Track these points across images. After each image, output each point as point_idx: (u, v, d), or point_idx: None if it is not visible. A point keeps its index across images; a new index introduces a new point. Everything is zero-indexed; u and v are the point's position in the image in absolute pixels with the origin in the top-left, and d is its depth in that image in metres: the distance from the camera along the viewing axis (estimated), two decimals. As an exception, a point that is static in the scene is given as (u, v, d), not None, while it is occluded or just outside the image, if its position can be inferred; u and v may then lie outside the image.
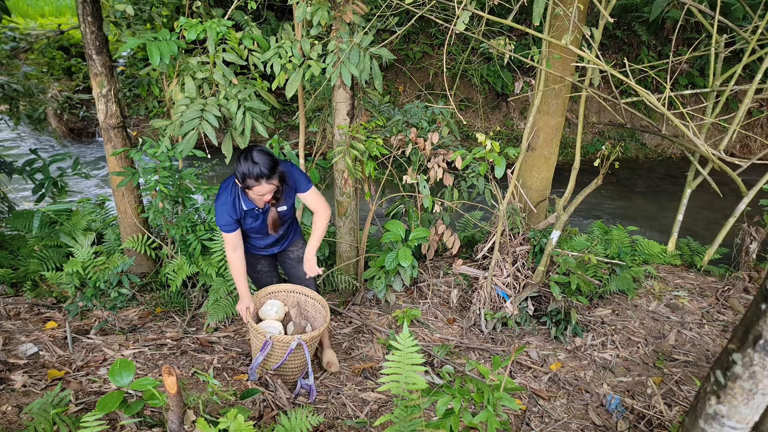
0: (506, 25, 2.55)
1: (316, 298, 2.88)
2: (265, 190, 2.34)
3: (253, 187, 2.32)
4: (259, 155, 2.29)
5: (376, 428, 2.48)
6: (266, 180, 2.29)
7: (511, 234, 3.74)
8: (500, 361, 1.81)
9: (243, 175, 2.29)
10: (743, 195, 4.14)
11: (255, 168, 2.26)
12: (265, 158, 2.29)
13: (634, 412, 2.82)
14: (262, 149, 2.34)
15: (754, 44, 3.14)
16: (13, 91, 4.98)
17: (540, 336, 3.54)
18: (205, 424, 1.89)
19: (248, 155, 2.29)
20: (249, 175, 2.27)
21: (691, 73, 9.10)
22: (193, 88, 3.04)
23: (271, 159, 2.31)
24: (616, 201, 7.44)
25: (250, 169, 2.27)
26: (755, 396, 1.57)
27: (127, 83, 8.37)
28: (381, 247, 4.10)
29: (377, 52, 3.01)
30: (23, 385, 2.40)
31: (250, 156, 2.28)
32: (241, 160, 2.29)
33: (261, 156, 2.29)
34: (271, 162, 2.30)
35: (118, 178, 3.54)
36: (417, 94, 9.05)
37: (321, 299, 2.85)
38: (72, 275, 3.42)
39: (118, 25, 3.46)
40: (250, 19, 3.43)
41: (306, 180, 2.61)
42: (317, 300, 2.88)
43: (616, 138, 9.25)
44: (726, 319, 3.78)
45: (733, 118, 3.51)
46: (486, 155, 3.20)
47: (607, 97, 3.10)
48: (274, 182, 2.33)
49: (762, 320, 1.48)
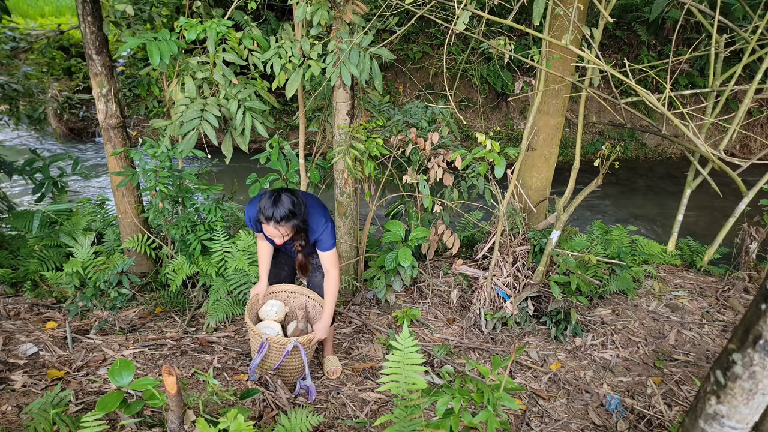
0: (506, 25, 2.55)
1: (319, 301, 2.87)
2: (273, 232, 2.30)
3: (263, 224, 2.30)
4: (285, 199, 2.26)
5: (376, 428, 2.48)
6: (274, 224, 2.26)
7: (511, 234, 3.74)
8: (500, 361, 1.81)
9: (258, 209, 2.29)
10: (743, 195, 4.14)
11: (269, 210, 2.24)
12: (286, 205, 2.25)
13: (634, 412, 2.82)
14: (293, 195, 2.30)
15: (754, 44, 3.14)
16: (13, 91, 4.98)
17: (540, 336, 3.54)
18: (205, 424, 1.89)
19: (276, 193, 2.28)
20: (261, 212, 2.27)
21: (691, 73, 9.10)
22: (193, 88, 3.04)
23: (292, 209, 2.26)
24: (616, 201, 7.44)
25: (265, 207, 2.26)
26: (755, 396, 1.57)
27: (127, 83, 8.37)
28: (381, 247, 4.10)
29: (377, 52, 3.01)
30: (23, 385, 2.40)
31: (276, 195, 2.27)
32: (266, 194, 2.29)
33: (285, 200, 2.26)
34: (289, 212, 2.25)
35: (118, 178, 3.54)
36: (417, 94, 9.05)
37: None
38: (72, 275, 3.42)
39: (118, 25, 3.46)
40: (250, 19, 3.43)
41: (331, 243, 2.50)
42: (319, 302, 2.87)
43: (616, 138, 9.25)
44: (726, 319, 3.78)
45: (733, 118, 3.51)
46: (486, 155, 3.20)
47: (607, 97, 3.10)
48: (282, 230, 2.28)
49: (762, 320, 1.48)
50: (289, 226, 2.29)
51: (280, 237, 2.33)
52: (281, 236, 2.32)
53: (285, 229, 2.29)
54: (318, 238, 2.47)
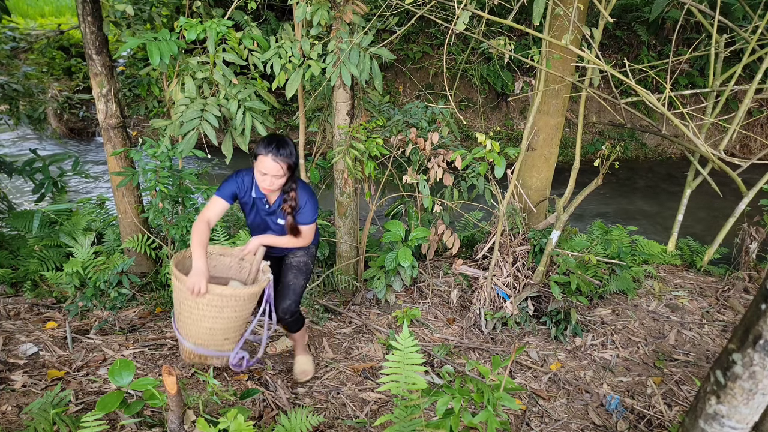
0: (506, 25, 2.55)
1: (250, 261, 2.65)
2: (268, 166, 2.27)
3: (259, 156, 2.28)
4: (286, 140, 2.32)
5: (376, 428, 2.48)
6: (273, 156, 2.25)
7: (511, 234, 3.74)
8: (500, 361, 1.81)
9: (260, 143, 2.29)
10: (743, 195, 4.14)
11: (273, 143, 2.26)
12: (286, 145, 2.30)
13: (634, 412, 2.82)
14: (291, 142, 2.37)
15: (754, 44, 3.14)
16: (13, 91, 4.98)
17: (540, 336, 3.54)
18: (205, 424, 1.89)
19: (278, 135, 2.33)
20: (264, 144, 2.27)
21: (691, 73, 9.11)
22: (193, 88, 3.04)
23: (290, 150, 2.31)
24: (616, 201, 7.44)
25: (269, 140, 2.28)
26: (755, 396, 1.57)
27: (127, 83, 8.37)
28: (381, 247, 4.10)
29: (377, 52, 3.01)
30: (23, 385, 2.40)
31: (279, 135, 2.32)
32: (269, 136, 2.32)
33: (286, 141, 2.31)
34: (288, 150, 2.30)
35: (118, 178, 3.54)
36: (417, 94, 9.05)
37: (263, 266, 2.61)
38: (72, 275, 3.42)
39: (118, 25, 3.46)
40: (250, 19, 3.43)
41: (310, 215, 2.51)
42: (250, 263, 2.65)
43: (616, 138, 9.25)
44: (726, 319, 3.78)
45: (733, 118, 3.51)
46: (486, 155, 3.20)
47: (607, 97, 3.10)
48: (279, 164, 2.27)
49: (762, 320, 1.48)
50: (286, 164, 2.28)
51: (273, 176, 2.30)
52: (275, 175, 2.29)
53: (282, 164, 2.27)
54: (302, 205, 2.48)
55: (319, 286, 3.81)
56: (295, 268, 2.68)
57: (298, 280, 2.65)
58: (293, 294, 2.63)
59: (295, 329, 2.74)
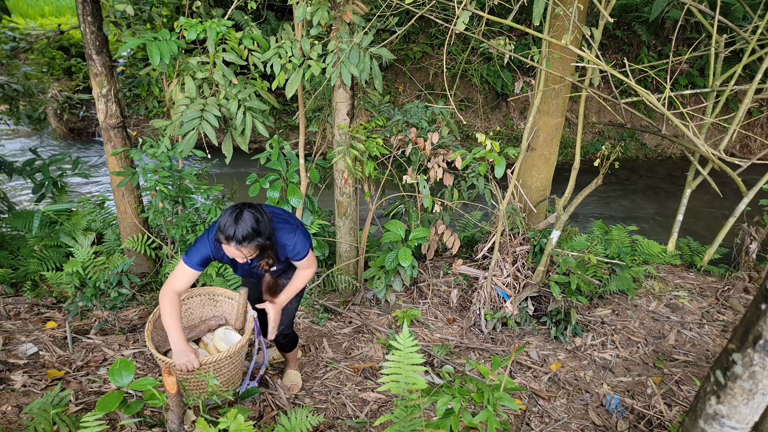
0: (506, 25, 2.55)
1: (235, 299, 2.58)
2: (235, 253, 2.07)
3: (222, 245, 2.06)
4: (247, 216, 2.03)
5: (376, 428, 2.48)
6: (236, 244, 2.02)
7: (511, 234, 3.74)
8: (500, 361, 1.81)
9: (218, 227, 2.05)
10: (743, 195, 4.14)
11: (230, 228, 2.00)
12: (249, 224, 2.02)
13: (634, 412, 2.82)
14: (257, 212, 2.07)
15: (754, 44, 3.14)
16: (13, 91, 4.98)
17: (540, 336, 3.54)
18: (205, 424, 1.89)
19: (237, 210, 2.04)
20: (221, 230, 2.03)
21: (691, 73, 9.10)
22: (193, 88, 3.04)
23: (255, 226, 2.04)
24: (616, 201, 7.45)
25: (226, 225, 2.01)
26: (755, 396, 1.57)
27: (127, 83, 8.37)
28: (381, 247, 4.10)
29: (377, 52, 3.01)
30: (23, 385, 2.40)
31: (238, 212, 2.03)
32: (228, 211, 2.05)
33: (247, 218, 2.03)
34: (252, 230, 2.02)
35: (118, 178, 3.54)
36: (417, 94, 9.05)
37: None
38: (72, 275, 3.42)
39: (118, 25, 3.46)
40: (250, 19, 3.43)
41: (305, 251, 2.29)
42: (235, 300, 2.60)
43: (616, 138, 9.25)
44: (726, 319, 3.78)
45: (733, 118, 3.51)
46: (486, 155, 3.20)
47: (607, 97, 3.10)
48: (244, 251, 2.06)
49: (762, 320, 1.48)
50: (252, 247, 2.06)
51: (242, 257, 2.10)
52: (243, 257, 2.10)
53: (247, 250, 2.06)
54: (290, 252, 2.27)
55: (319, 286, 3.81)
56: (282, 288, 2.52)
57: (293, 304, 2.57)
58: (287, 318, 2.56)
59: (290, 349, 2.71)
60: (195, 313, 2.72)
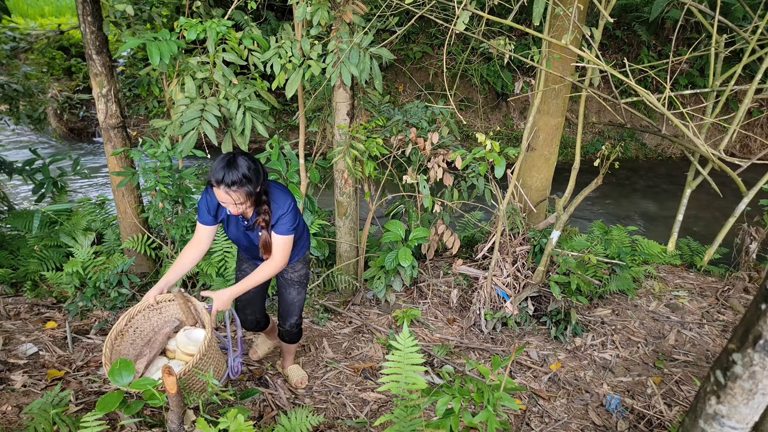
0: (506, 25, 2.55)
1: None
2: (223, 197, 2.06)
3: (213, 188, 2.05)
4: (241, 162, 2.03)
5: (376, 428, 2.48)
6: (225, 188, 2.01)
7: (511, 234, 3.74)
8: (500, 361, 1.81)
9: (212, 168, 2.05)
10: (743, 195, 4.14)
11: (220, 171, 2.00)
12: (241, 169, 2.01)
13: (634, 412, 2.82)
14: (250, 159, 2.07)
15: (754, 44, 3.14)
16: (13, 91, 4.98)
17: (540, 336, 3.54)
18: (205, 424, 1.89)
19: (232, 155, 2.05)
20: (213, 172, 2.03)
21: (691, 73, 9.11)
22: (193, 88, 3.03)
23: (246, 173, 2.02)
24: (616, 201, 7.45)
25: (217, 168, 2.02)
26: (755, 396, 1.57)
27: (127, 83, 8.37)
28: (381, 247, 4.10)
29: (377, 52, 3.01)
30: (23, 385, 2.40)
31: (232, 157, 2.04)
32: (220, 157, 2.06)
33: (240, 163, 2.02)
34: (243, 177, 2.01)
35: (118, 178, 3.54)
36: (417, 94, 9.05)
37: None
38: (72, 275, 3.42)
39: (118, 25, 3.46)
40: (250, 19, 3.43)
41: (288, 228, 2.24)
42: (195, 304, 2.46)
43: (616, 138, 9.25)
44: (726, 319, 3.78)
45: (733, 118, 3.51)
46: (486, 155, 3.20)
47: (607, 97, 3.10)
48: (234, 196, 2.04)
49: (762, 320, 1.48)
50: (242, 192, 2.03)
51: (233, 204, 2.08)
52: (234, 203, 2.07)
53: (237, 195, 2.03)
54: (281, 215, 2.22)
55: (319, 286, 3.81)
56: (297, 284, 2.57)
57: (301, 295, 2.60)
58: (298, 309, 2.62)
59: (296, 340, 2.75)
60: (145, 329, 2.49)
